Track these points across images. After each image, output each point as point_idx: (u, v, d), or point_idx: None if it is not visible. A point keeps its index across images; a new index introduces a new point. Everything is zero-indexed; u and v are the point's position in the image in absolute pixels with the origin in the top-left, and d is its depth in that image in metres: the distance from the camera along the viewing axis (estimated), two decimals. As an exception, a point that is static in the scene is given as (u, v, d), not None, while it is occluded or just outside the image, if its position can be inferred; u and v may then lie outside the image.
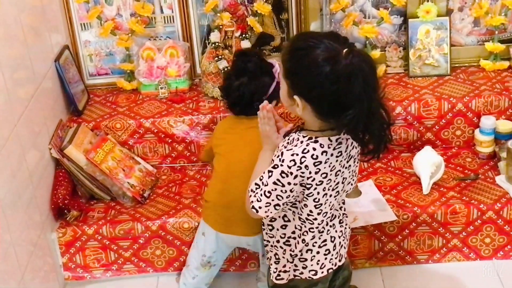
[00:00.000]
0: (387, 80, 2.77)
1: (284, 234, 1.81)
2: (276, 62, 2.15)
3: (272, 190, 1.66)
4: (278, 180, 1.65)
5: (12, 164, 2.09)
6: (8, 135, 2.08)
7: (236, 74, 2.14)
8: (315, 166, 1.63)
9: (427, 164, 2.45)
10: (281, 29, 2.90)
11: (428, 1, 2.77)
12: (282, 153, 1.65)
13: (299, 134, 1.68)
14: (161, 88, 2.79)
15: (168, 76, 2.80)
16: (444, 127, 2.63)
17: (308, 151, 1.63)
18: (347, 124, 1.57)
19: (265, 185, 1.67)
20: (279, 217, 1.80)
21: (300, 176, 1.64)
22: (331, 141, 1.64)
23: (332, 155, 1.65)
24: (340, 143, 1.66)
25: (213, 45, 2.74)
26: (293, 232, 1.79)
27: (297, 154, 1.63)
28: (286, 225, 1.80)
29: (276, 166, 1.65)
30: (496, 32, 2.81)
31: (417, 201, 2.38)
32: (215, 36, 2.75)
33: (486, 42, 2.82)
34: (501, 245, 2.40)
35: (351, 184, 1.79)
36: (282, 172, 1.64)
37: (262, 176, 1.69)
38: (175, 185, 2.58)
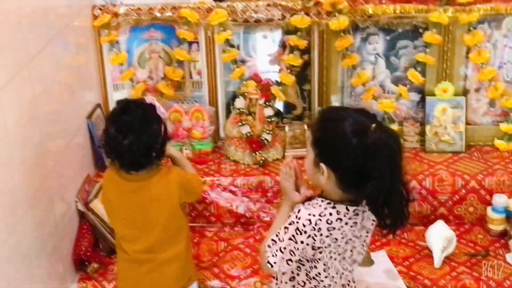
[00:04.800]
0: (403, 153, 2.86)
1: (293, 286, 1.86)
2: (153, 99, 2.10)
3: (287, 246, 1.72)
4: (293, 236, 1.71)
5: (41, 214, 2.19)
6: (39, 186, 2.19)
7: (122, 132, 1.99)
8: (328, 231, 1.70)
9: (440, 238, 2.50)
10: (303, 99, 3.01)
11: (445, 80, 2.89)
12: (299, 211, 1.72)
13: (318, 198, 1.76)
14: (185, 149, 2.89)
15: (192, 138, 2.92)
16: (457, 203, 2.69)
17: (324, 214, 1.70)
18: (368, 195, 1.65)
19: (281, 241, 1.74)
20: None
21: (313, 238, 1.70)
22: (348, 210, 1.71)
23: (346, 223, 1.71)
24: (357, 214, 1.73)
25: (238, 110, 2.85)
26: (301, 285, 1.84)
27: (314, 215, 1.70)
28: (294, 277, 1.84)
29: (292, 223, 1.72)
30: (511, 113, 2.90)
31: (429, 274, 2.43)
32: (240, 103, 2.86)
33: (500, 123, 2.91)
34: (509, 323, 2.42)
35: (361, 254, 1.85)
36: (297, 229, 1.70)
37: (278, 232, 1.75)
38: (194, 246, 2.61)
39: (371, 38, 2.90)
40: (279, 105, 3.00)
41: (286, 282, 1.88)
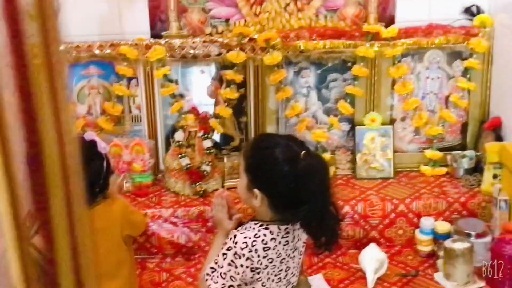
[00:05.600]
0: (336, 181, 3.00)
1: None
2: (93, 135, 2.13)
3: (227, 271, 1.79)
4: (232, 261, 1.79)
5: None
6: (-20, 224, 2.20)
7: None
8: (264, 251, 1.79)
9: (372, 260, 2.63)
10: (240, 131, 3.12)
11: (373, 110, 3.06)
12: (235, 236, 1.80)
13: (251, 222, 1.86)
14: (126, 182, 2.95)
15: (133, 171, 2.98)
16: (387, 226, 2.84)
17: (259, 236, 1.79)
18: (302, 218, 1.76)
19: (221, 267, 1.80)
20: None
21: (250, 260, 1.78)
22: (280, 229, 1.82)
23: (280, 243, 1.82)
24: (288, 232, 1.83)
25: (177, 143, 2.93)
26: None
27: (249, 238, 1.78)
28: None
29: (230, 248, 1.79)
30: (435, 141, 3.09)
31: (363, 295, 2.56)
32: (179, 135, 2.94)
33: (425, 150, 3.09)
34: None
35: (295, 276, 1.95)
36: (235, 253, 1.78)
37: (217, 259, 1.82)
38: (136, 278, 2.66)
39: (303, 72, 3.05)
40: (217, 137, 3.09)
41: None
